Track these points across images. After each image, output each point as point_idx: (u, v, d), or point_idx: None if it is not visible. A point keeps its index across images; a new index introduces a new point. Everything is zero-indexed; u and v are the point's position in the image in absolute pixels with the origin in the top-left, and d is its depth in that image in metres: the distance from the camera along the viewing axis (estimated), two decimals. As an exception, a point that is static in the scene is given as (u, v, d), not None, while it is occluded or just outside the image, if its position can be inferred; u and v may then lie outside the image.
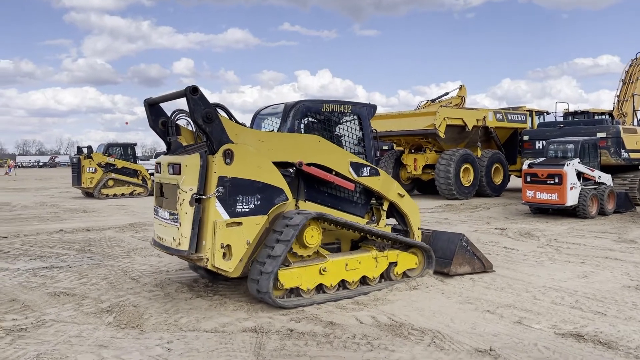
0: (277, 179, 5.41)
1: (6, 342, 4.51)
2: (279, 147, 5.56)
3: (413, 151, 20.04)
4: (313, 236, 5.58)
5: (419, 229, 6.73)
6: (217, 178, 5.00)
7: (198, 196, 4.98)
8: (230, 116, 5.54)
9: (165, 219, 5.46)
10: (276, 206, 5.39)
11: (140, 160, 30.80)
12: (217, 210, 5.00)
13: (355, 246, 6.36)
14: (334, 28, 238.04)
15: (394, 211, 6.67)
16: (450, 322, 4.97)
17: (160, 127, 5.89)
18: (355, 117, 6.47)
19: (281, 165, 5.56)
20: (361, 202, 6.41)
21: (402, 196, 6.58)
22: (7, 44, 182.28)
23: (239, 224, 5.12)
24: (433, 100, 21.37)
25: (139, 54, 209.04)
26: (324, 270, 5.63)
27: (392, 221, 6.86)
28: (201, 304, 5.57)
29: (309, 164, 5.73)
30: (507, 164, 20.20)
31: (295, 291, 5.51)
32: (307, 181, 5.88)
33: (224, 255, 5.06)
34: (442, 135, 17.79)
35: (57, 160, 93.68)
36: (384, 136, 20.00)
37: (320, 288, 5.67)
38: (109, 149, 22.23)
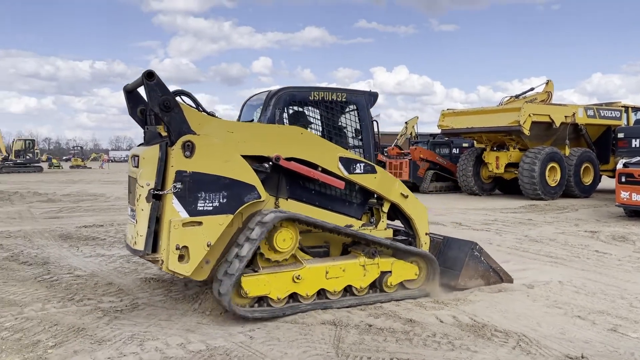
0: (247, 175, 4.88)
1: (104, 322, 4.85)
2: (252, 139, 5.03)
3: (495, 149, 19.31)
4: (285, 239, 5.00)
5: (426, 234, 5.98)
6: (174, 172, 4.55)
7: (155, 192, 4.57)
8: (198, 105, 5.10)
9: (129, 215, 5.15)
10: (246, 205, 4.87)
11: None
12: (174, 208, 4.55)
13: (347, 251, 5.70)
14: (411, 24, 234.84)
15: (399, 214, 5.98)
16: (537, 326, 4.75)
17: (138, 115, 5.41)
18: (352, 106, 5.84)
19: (257, 160, 5.08)
20: (357, 202, 5.75)
21: (406, 197, 5.86)
22: (102, 47, 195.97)
23: (199, 223, 4.63)
24: (517, 96, 20.43)
25: (220, 53, 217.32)
26: (297, 278, 5.00)
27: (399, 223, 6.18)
28: (281, 296, 5.68)
29: (288, 159, 5.16)
30: (599, 163, 18.98)
31: (265, 300, 4.97)
32: (289, 177, 5.30)
33: (181, 257, 4.57)
34: (526, 132, 17.02)
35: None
36: (465, 133, 19.46)
37: (295, 297, 5.10)
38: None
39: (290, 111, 5.61)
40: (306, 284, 5.07)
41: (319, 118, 5.74)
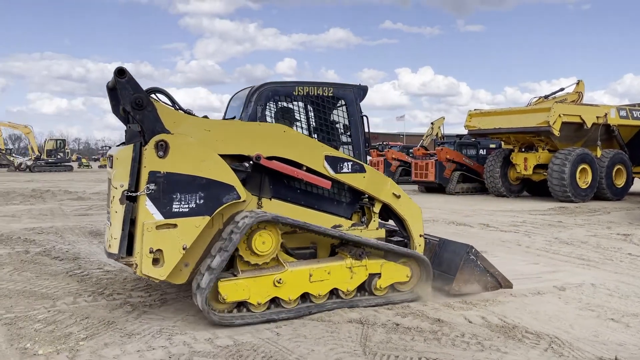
0: (225, 175, 4.69)
1: (133, 316, 4.92)
2: (230, 138, 4.84)
3: (523, 150, 19.03)
4: (265, 242, 4.77)
5: (421, 235, 5.69)
6: (147, 173, 4.42)
7: (129, 193, 4.43)
8: (174, 102, 4.90)
9: (107, 217, 4.98)
10: (224, 205, 4.70)
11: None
12: (147, 210, 4.41)
13: (335, 252, 5.45)
14: (436, 24, 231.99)
15: (392, 214, 5.71)
16: (569, 328, 4.65)
17: (121, 113, 5.07)
18: (340, 101, 5.57)
19: (237, 159, 4.89)
20: (346, 201, 5.49)
21: (399, 197, 5.56)
22: (130, 49, 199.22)
23: (174, 226, 4.48)
24: (546, 97, 20.09)
25: (245, 55, 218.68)
26: (278, 282, 4.77)
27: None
28: (307, 293, 5.67)
29: (270, 158, 4.95)
30: (631, 165, 18.52)
31: (244, 305, 4.74)
32: (273, 176, 5.10)
33: (156, 261, 4.42)
34: (556, 133, 16.71)
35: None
36: (492, 133, 19.21)
37: (277, 302, 4.86)
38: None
39: (273, 107, 5.37)
40: (288, 287, 4.84)
41: (304, 114, 5.50)
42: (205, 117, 5.19)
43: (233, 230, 4.61)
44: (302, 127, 5.49)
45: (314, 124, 5.54)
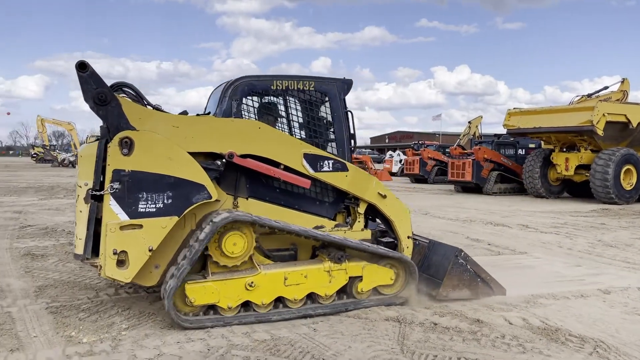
0: (195, 173, 4.48)
1: (173, 308, 5.00)
2: (201, 134, 4.62)
3: (565, 150, 18.51)
4: (236, 243, 4.56)
5: (408, 237, 5.38)
6: (111, 171, 4.25)
7: (94, 192, 4.28)
8: (141, 97, 4.71)
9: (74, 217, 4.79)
10: (195, 205, 4.48)
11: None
12: (112, 210, 4.24)
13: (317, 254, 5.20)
14: (474, 22, 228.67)
15: (379, 215, 5.45)
16: (615, 333, 4.49)
17: None
18: (322, 96, 5.30)
19: (209, 157, 4.68)
20: (328, 201, 5.25)
21: (384, 197, 5.28)
22: (169, 48, 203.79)
23: (139, 226, 4.30)
24: (589, 95, 19.48)
25: (281, 54, 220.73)
26: (250, 285, 4.57)
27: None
28: (344, 290, 5.66)
29: (244, 156, 4.73)
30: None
31: (214, 309, 4.57)
32: (249, 175, 4.88)
33: (121, 262, 4.28)
34: (600, 132, 16.19)
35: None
36: (532, 133, 18.77)
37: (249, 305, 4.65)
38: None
39: (249, 103, 5.09)
40: (261, 291, 4.62)
41: (283, 110, 5.24)
42: (184, 112, 4.98)
43: (198, 237, 4.44)
44: (281, 124, 5.25)
45: (294, 120, 5.27)
